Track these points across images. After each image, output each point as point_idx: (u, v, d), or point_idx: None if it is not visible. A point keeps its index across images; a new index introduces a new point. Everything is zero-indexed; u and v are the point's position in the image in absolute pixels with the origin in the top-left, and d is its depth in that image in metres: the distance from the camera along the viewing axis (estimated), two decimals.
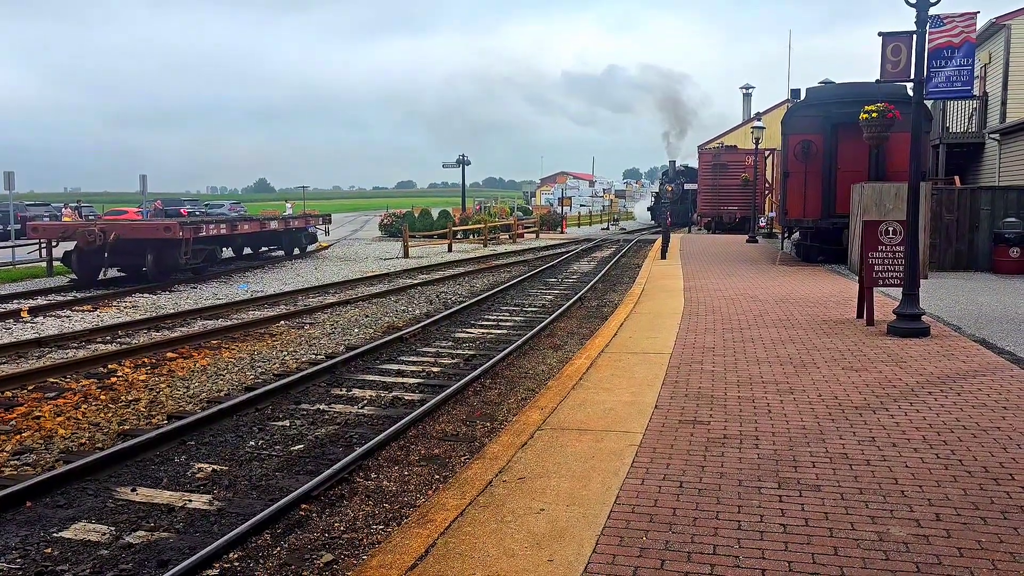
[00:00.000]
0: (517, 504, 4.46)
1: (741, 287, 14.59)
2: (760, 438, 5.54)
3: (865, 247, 10.37)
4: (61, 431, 7.03)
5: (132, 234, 17.58)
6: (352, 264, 24.18)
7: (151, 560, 4.50)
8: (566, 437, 5.67)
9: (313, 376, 8.66)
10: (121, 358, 9.76)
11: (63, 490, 5.52)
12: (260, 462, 6.19)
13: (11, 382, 8.52)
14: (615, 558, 3.76)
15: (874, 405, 6.36)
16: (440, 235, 32.39)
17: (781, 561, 3.68)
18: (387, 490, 5.58)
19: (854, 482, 4.67)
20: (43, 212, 40.42)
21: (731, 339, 9.32)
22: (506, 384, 8.66)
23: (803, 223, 19.91)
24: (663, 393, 6.85)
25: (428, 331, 11.79)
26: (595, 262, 24.83)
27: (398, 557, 3.84)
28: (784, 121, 20.34)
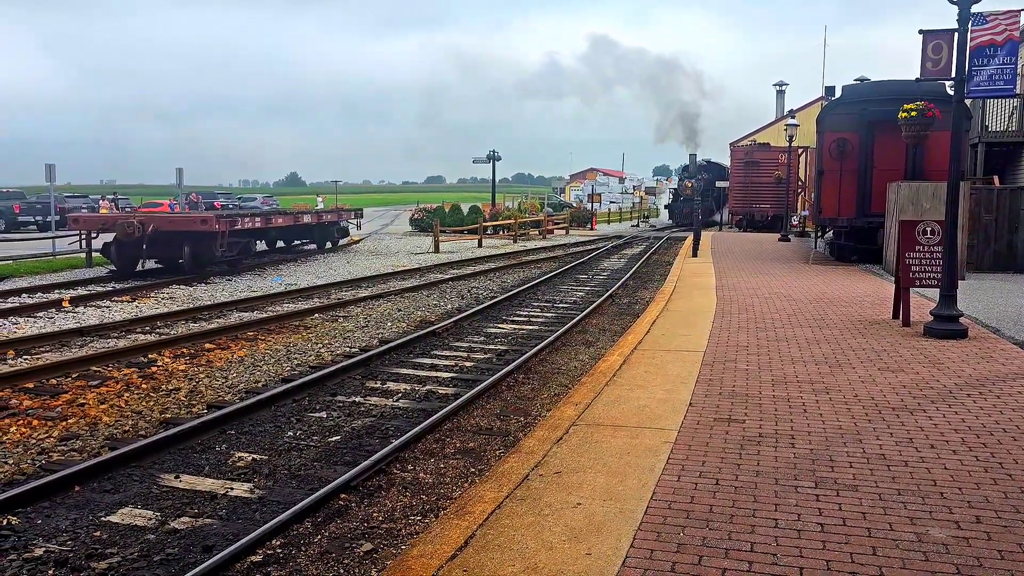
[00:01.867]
0: (554, 498, 4.51)
1: (774, 286, 14.50)
2: (796, 437, 5.54)
3: (902, 247, 10.27)
4: (105, 418, 7.20)
5: (169, 226, 17.87)
6: (383, 258, 24.37)
7: (196, 545, 4.61)
8: (601, 433, 5.71)
9: (348, 368, 8.77)
10: (161, 348, 9.95)
11: (110, 475, 5.66)
12: (298, 452, 6.30)
13: (56, 370, 8.73)
14: (652, 553, 3.79)
15: (911, 406, 6.32)
16: (470, 230, 32.50)
17: (819, 560, 3.69)
18: (423, 482, 5.65)
19: (892, 483, 4.66)
20: (81, 204, 41.13)
21: (765, 338, 9.29)
22: (539, 380, 8.71)
23: (837, 222, 19.71)
24: (697, 391, 6.86)
25: (460, 326, 11.87)
26: (625, 259, 24.79)
27: (438, 547, 3.91)
28: (819, 119, 20.15)
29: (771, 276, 16.32)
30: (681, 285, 15.09)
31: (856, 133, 18.78)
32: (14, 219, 37.01)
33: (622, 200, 70.73)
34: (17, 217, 37.20)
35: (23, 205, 38.10)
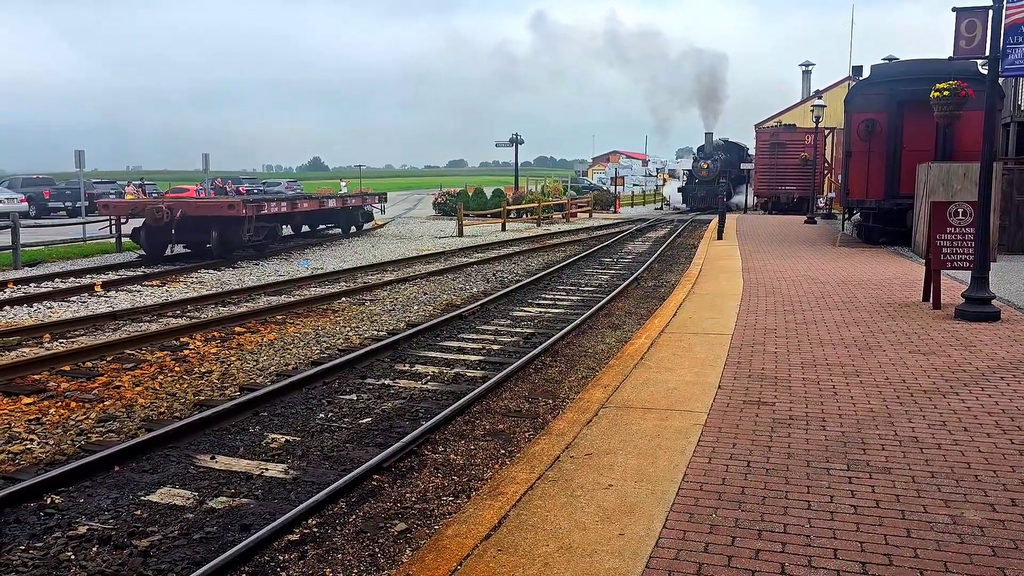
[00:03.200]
0: (586, 479, 4.54)
1: (801, 268, 14.40)
2: (827, 420, 5.53)
3: (933, 229, 10.15)
4: (140, 400, 7.33)
5: (197, 212, 18.05)
6: (408, 242, 24.45)
7: (234, 524, 4.71)
8: (630, 415, 5.73)
9: (377, 352, 8.84)
10: (192, 332, 10.09)
11: (148, 456, 5.77)
12: (330, 433, 6.38)
13: (91, 353, 8.89)
14: (686, 534, 3.82)
15: (944, 389, 6.27)
16: (493, 214, 32.49)
17: (853, 542, 3.70)
18: (455, 463, 5.71)
19: (925, 465, 4.64)
20: (109, 190, 41.58)
21: (793, 321, 9.24)
22: (566, 362, 8.74)
23: (865, 204, 19.49)
24: (726, 373, 6.85)
25: (486, 309, 11.91)
26: (650, 242, 24.68)
27: (472, 527, 3.96)
28: (847, 99, 19.88)
29: (798, 259, 16.20)
30: (707, 268, 15.02)
31: (885, 113, 18.50)
32: (44, 205, 37.48)
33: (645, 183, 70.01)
34: (48, 203, 37.67)
35: (53, 191, 38.56)
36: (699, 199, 44.95)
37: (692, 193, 46.41)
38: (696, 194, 45.70)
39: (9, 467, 5.68)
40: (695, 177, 46.72)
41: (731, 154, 47.21)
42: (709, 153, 46.89)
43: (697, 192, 45.75)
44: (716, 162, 45.77)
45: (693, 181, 46.96)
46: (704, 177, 45.88)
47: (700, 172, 46.17)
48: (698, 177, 46.25)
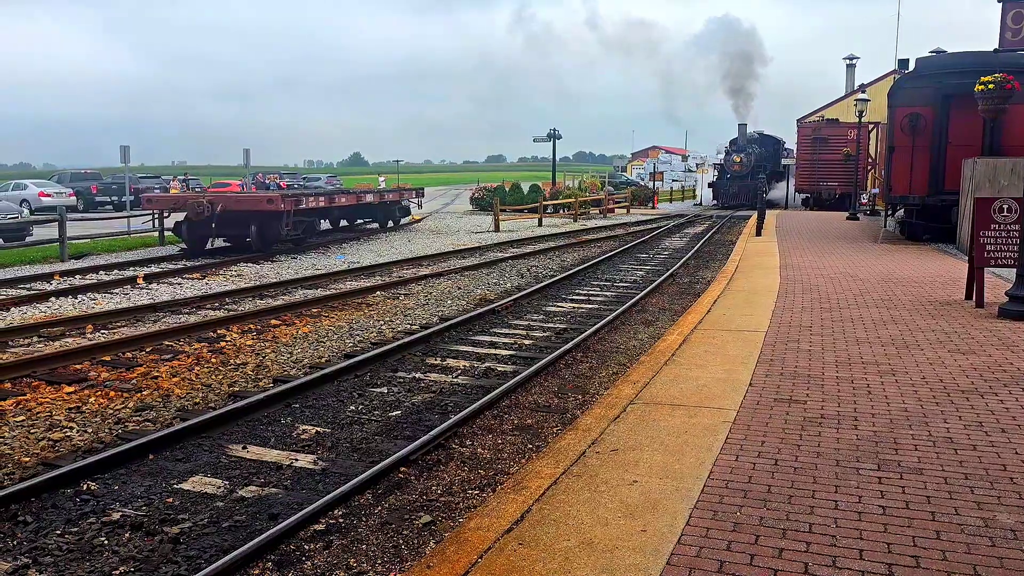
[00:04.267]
0: (610, 475, 4.53)
1: (840, 265, 14.16)
2: (859, 419, 5.43)
3: (976, 225, 9.91)
4: (177, 390, 7.48)
5: (237, 206, 18.33)
6: (444, 237, 24.56)
7: (262, 513, 4.78)
8: (659, 412, 5.69)
9: (409, 345, 8.91)
10: (229, 324, 10.26)
11: (181, 445, 5.89)
12: (360, 426, 6.44)
13: (131, 344, 9.08)
14: (708, 531, 3.78)
15: (982, 389, 6.12)
16: (530, 209, 32.47)
17: (879, 543, 3.63)
18: (482, 457, 5.73)
19: (959, 467, 4.54)
20: (154, 184, 42.49)
21: (829, 318, 9.09)
22: (597, 358, 8.71)
23: (909, 200, 19.09)
24: (758, 371, 6.77)
25: (519, 304, 11.92)
26: (687, 238, 24.47)
27: (494, 520, 3.97)
28: (891, 93, 19.47)
29: (838, 256, 15.92)
30: (744, 264, 14.84)
31: (930, 107, 18.10)
32: (92, 199, 38.43)
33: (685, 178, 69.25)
34: (95, 198, 38.62)
35: (100, 186, 39.52)
36: (731, 195, 42.17)
37: (724, 189, 43.30)
38: (728, 190, 42.74)
39: (49, 454, 5.83)
40: (727, 172, 43.44)
41: (766, 147, 44.26)
42: (742, 146, 43.20)
43: (729, 188, 42.70)
44: (750, 155, 42.49)
45: (725, 176, 43.75)
46: (737, 172, 42.64)
47: (732, 166, 42.80)
48: (730, 172, 43.00)
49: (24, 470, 5.51)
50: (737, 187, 42.10)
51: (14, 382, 7.66)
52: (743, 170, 42.29)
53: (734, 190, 42.17)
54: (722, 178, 44.05)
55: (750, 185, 40.53)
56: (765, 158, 43.34)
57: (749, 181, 41.27)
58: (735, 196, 41.81)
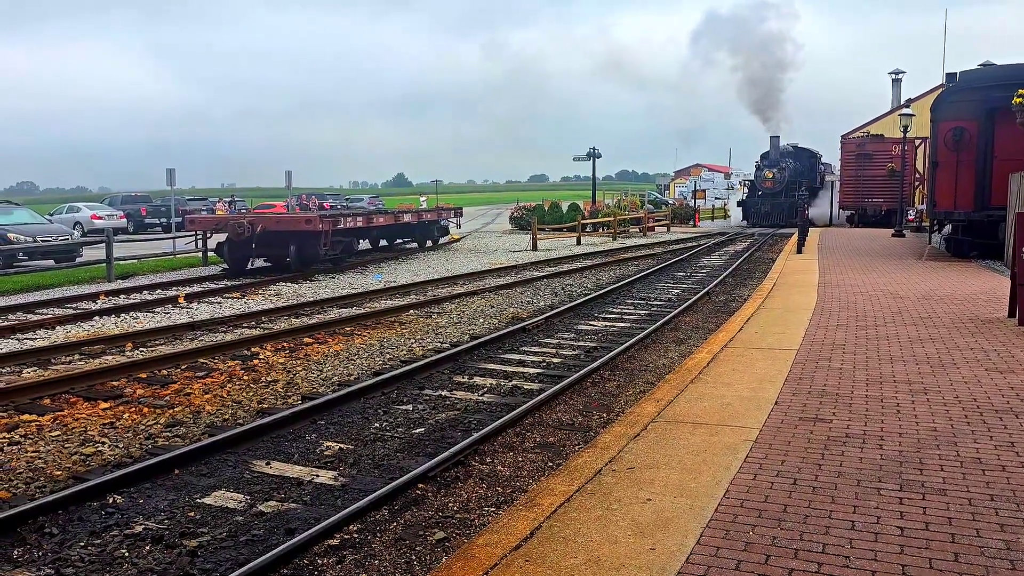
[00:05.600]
0: (624, 493, 4.49)
1: (881, 283, 13.88)
2: (885, 439, 5.31)
3: (1018, 241, 9.66)
4: (208, 407, 7.61)
5: (277, 227, 18.67)
6: (482, 256, 24.67)
7: (280, 528, 4.84)
8: (680, 430, 5.63)
9: (437, 363, 8.95)
10: (263, 342, 10.42)
11: (206, 460, 5.99)
12: (383, 443, 6.49)
13: (167, 361, 9.28)
14: (718, 550, 3.73)
15: (1017, 409, 5.94)
16: (569, 228, 32.47)
17: (894, 564, 3.54)
18: (501, 474, 5.73)
19: (985, 488, 4.41)
20: (201, 206, 43.46)
21: (864, 336, 8.92)
22: (625, 376, 8.65)
23: (954, 216, 18.68)
24: (784, 389, 6.66)
25: (551, 322, 11.91)
26: (727, 256, 24.22)
27: (503, 537, 3.96)
28: (934, 107, 19.13)
29: (879, 273, 15.62)
30: (782, 282, 14.64)
31: (975, 121, 17.74)
32: (142, 221, 39.48)
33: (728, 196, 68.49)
34: (144, 220, 39.67)
35: (149, 208, 40.58)
36: (763, 215, 39.15)
37: (755, 208, 39.86)
38: (759, 209, 39.50)
39: (80, 468, 5.98)
40: (758, 188, 40.37)
41: (801, 161, 41.22)
42: (775, 160, 39.86)
43: (760, 207, 39.44)
44: (783, 171, 39.41)
45: (756, 194, 40.62)
46: (769, 189, 39.57)
47: (764, 183, 39.69)
48: (761, 188, 39.92)
49: (55, 483, 5.65)
50: (770, 205, 39.20)
51: (53, 398, 7.88)
52: (776, 187, 39.48)
53: (766, 209, 39.30)
54: (752, 196, 41.12)
55: (784, 203, 38.22)
56: (800, 173, 40.46)
57: (783, 199, 38.69)
58: (767, 216, 39.04)
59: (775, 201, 38.96)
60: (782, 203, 38.44)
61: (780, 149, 40.54)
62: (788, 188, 39.08)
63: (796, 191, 38.16)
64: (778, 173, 39.38)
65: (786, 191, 39.04)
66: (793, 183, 39.22)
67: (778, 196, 39.10)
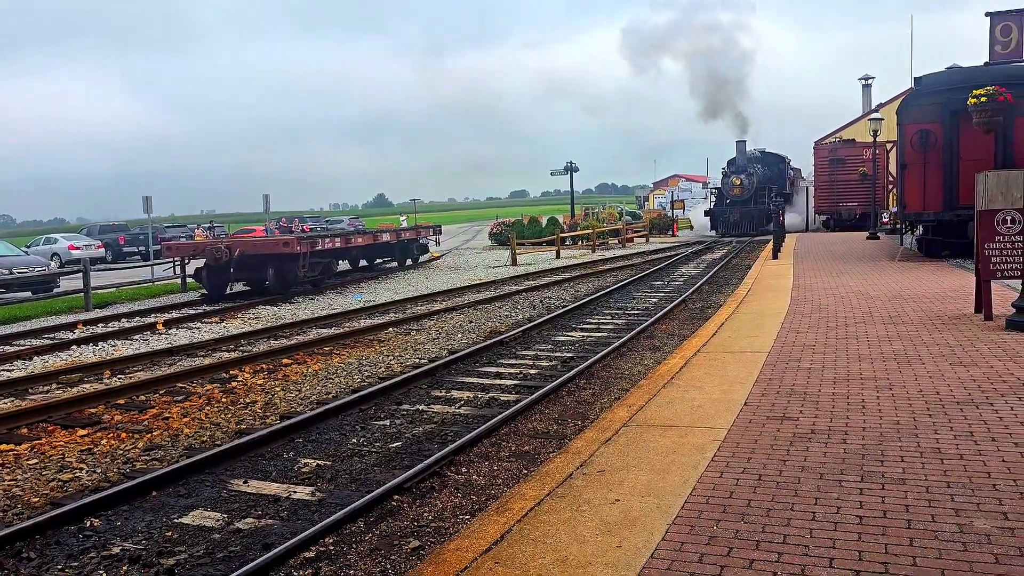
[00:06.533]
0: (593, 495, 4.58)
1: (853, 284, 14.10)
2: (849, 433, 5.44)
3: (981, 238, 9.87)
4: (186, 430, 7.64)
5: (254, 250, 18.69)
6: (461, 273, 24.77)
7: (256, 544, 4.89)
8: (650, 433, 5.73)
9: (414, 379, 9.02)
10: (242, 364, 10.45)
11: (184, 481, 6.03)
12: (360, 457, 6.55)
13: (145, 387, 9.30)
14: (683, 545, 3.83)
15: (978, 400, 6.10)
16: (548, 242, 32.67)
17: (851, 551, 3.65)
18: (475, 483, 5.81)
19: (942, 476, 4.54)
20: (180, 233, 43.39)
21: (834, 337, 9.08)
22: (601, 384, 8.76)
23: (923, 216, 18.98)
24: (754, 391, 6.78)
25: (528, 335, 12.01)
26: (704, 264, 24.45)
27: (474, 541, 4.04)
28: (899, 111, 19.47)
29: (852, 275, 15.85)
30: (756, 287, 14.83)
31: (939, 123, 18.06)
32: (120, 250, 39.34)
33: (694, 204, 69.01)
34: (123, 248, 39.53)
35: (128, 237, 40.46)
36: (731, 224, 37.67)
37: (723, 216, 38.17)
38: (727, 217, 37.89)
39: (57, 493, 6.00)
40: (725, 196, 38.84)
41: (770, 167, 39.91)
42: (742, 166, 38.51)
43: (729, 215, 37.87)
44: (752, 177, 38.22)
45: (724, 201, 38.99)
46: (737, 196, 38.04)
47: (732, 190, 38.24)
48: (729, 196, 38.42)
49: (32, 510, 5.67)
50: (739, 213, 37.77)
51: (30, 427, 7.88)
52: (744, 194, 38.12)
53: (734, 217, 37.84)
54: (720, 204, 39.41)
55: (753, 211, 36.95)
56: (769, 179, 39.29)
57: (752, 206, 37.37)
58: (736, 225, 37.67)
59: (744, 209, 37.80)
60: (751, 211, 37.31)
61: (747, 154, 39.33)
62: (757, 195, 37.92)
63: (766, 197, 36.78)
64: (746, 179, 38.24)
65: (755, 198, 37.86)
66: (762, 189, 38.05)
67: (747, 203, 38.00)
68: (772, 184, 38.61)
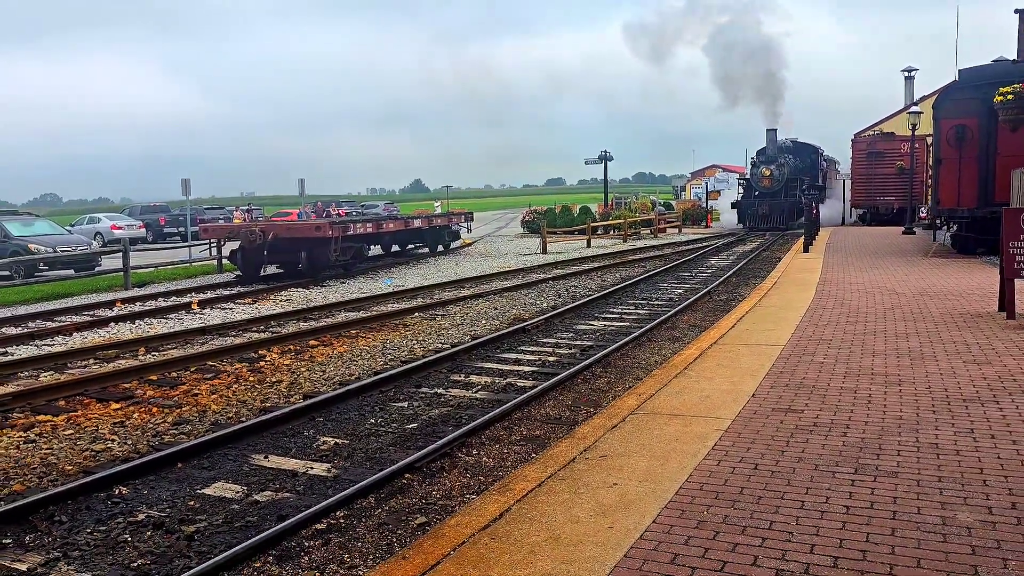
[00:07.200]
0: (593, 478, 4.76)
1: (880, 280, 14.03)
2: (850, 427, 5.54)
3: (1005, 236, 9.84)
4: (214, 407, 7.96)
5: (288, 233, 19.09)
6: (491, 260, 24.99)
7: (272, 515, 5.15)
8: (656, 421, 5.89)
9: (435, 363, 9.25)
10: (270, 345, 10.78)
11: (208, 455, 6.33)
12: (377, 437, 6.80)
13: (177, 364, 9.66)
14: (672, 528, 3.99)
15: (985, 398, 6.15)
16: (580, 231, 32.73)
17: (833, 539, 3.79)
18: (485, 465, 6.01)
19: (935, 471, 4.63)
20: (219, 215, 44.25)
21: (852, 332, 9.12)
22: (616, 373, 8.91)
23: (957, 212, 18.77)
24: (764, 383, 6.89)
25: (551, 323, 12.18)
26: (734, 256, 24.37)
27: (474, 518, 4.25)
28: (935, 105, 19.24)
29: (881, 270, 15.75)
30: (783, 280, 14.82)
31: (976, 119, 17.83)
32: (160, 231, 40.21)
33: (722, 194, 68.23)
34: (163, 229, 40.40)
35: (168, 218, 41.32)
36: (760, 217, 35.55)
37: (751, 209, 35.87)
38: (756, 210, 35.61)
39: (90, 463, 6.33)
40: (754, 188, 36.62)
41: (801, 157, 37.93)
42: (773, 156, 36.36)
43: (757, 208, 35.59)
44: (783, 168, 36.11)
45: (752, 193, 36.64)
46: (767, 187, 35.91)
47: (761, 181, 36.03)
48: (758, 188, 36.25)
49: (66, 477, 6.00)
50: (767, 206, 35.59)
51: (67, 400, 8.26)
52: (774, 185, 35.98)
53: (763, 210, 35.65)
54: (748, 196, 37.05)
55: (784, 203, 35.06)
56: (801, 170, 37.32)
57: (783, 199, 35.43)
58: (765, 218, 35.61)
59: (774, 201, 35.71)
60: (782, 203, 35.36)
61: (778, 143, 37.27)
62: (788, 186, 35.91)
63: (797, 189, 35.39)
64: (776, 170, 36.16)
65: (786, 190, 35.87)
66: (793, 181, 36.05)
67: (777, 195, 35.94)
68: (804, 176, 36.96)
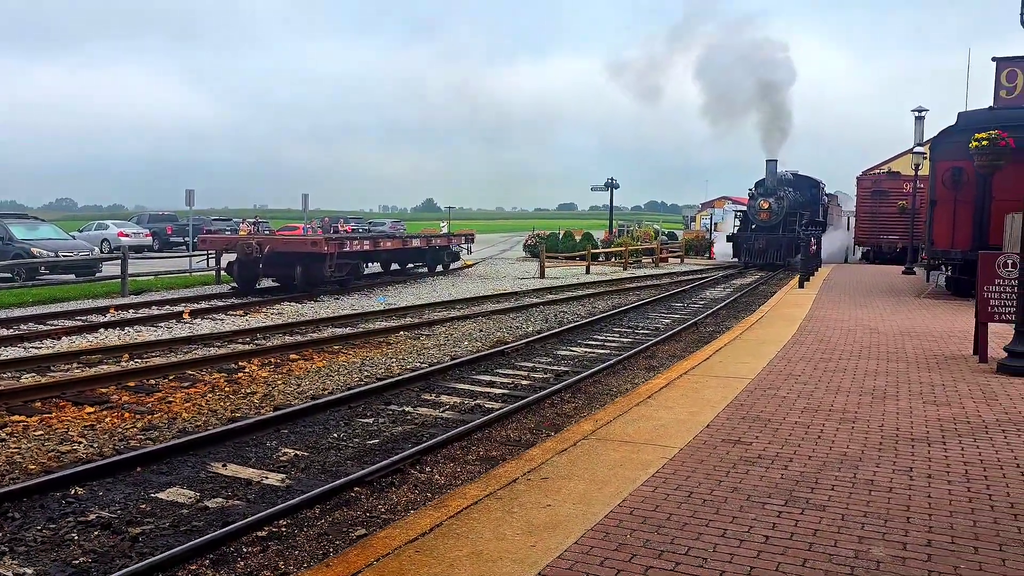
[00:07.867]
0: (529, 499, 4.86)
1: (866, 319, 14.11)
2: (793, 460, 5.63)
3: (981, 280, 9.92)
4: (185, 414, 8.10)
5: (283, 247, 19.31)
6: (489, 282, 25.15)
7: (218, 521, 5.27)
8: (606, 447, 5.99)
9: (408, 381, 9.38)
10: (251, 357, 10.93)
11: (168, 460, 6.46)
12: (337, 451, 6.91)
13: (156, 371, 9.81)
14: (591, 549, 4.09)
15: (933, 438, 6.23)
16: (581, 256, 32.90)
17: (745, 566, 3.88)
18: (435, 482, 6.12)
19: (863, 506, 4.72)
20: (226, 226, 44.66)
21: (823, 369, 9.20)
22: (585, 399, 9.01)
23: (950, 255, 18.84)
24: (722, 414, 6.98)
25: (532, 347, 12.30)
26: (731, 289, 24.46)
27: (404, 531, 4.36)
28: (932, 147, 19.38)
29: (869, 309, 15.83)
30: (770, 315, 14.91)
31: (972, 161, 17.94)
32: (167, 240, 40.62)
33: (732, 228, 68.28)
34: (169, 238, 40.81)
35: (175, 227, 41.73)
36: (757, 252, 33.83)
37: (747, 243, 34.23)
38: (752, 245, 33.99)
39: (53, 464, 6.47)
40: (751, 221, 35.13)
41: (802, 191, 36.35)
42: (772, 189, 34.77)
43: (754, 243, 33.95)
44: (782, 200, 34.55)
45: (749, 227, 35.31)
46: (765, 221, 34.22)
47: (759, 214, 34.50)
48: (756, 221, 34.73)
49: (28, 476, 6.14)
50: (764, 240, 33.90)
51: (44, 401, 8.41)
52: (772, 219, 34.33)
53: (760, 244, 33.95)
54: (745, 229, 35.68)
55: (782, 239, 33.42)
56: (801, 204, 35.71)
57: (781, 233, 33.75)
58: (762, 253, 33.86)
59: (771, 236, 33.99)
60: (779, 238, 33.71)
61: (777, 176, 35.83)
62: (787, 221, 34.37)
63: (796, 224, 33.99)
64: (775, 203, 34.57)
65: (784, 224, 34.26)
66: (793, 215, 34.60)
67: (775, 230, 34.22)
68: (804, 210, 35.74)
